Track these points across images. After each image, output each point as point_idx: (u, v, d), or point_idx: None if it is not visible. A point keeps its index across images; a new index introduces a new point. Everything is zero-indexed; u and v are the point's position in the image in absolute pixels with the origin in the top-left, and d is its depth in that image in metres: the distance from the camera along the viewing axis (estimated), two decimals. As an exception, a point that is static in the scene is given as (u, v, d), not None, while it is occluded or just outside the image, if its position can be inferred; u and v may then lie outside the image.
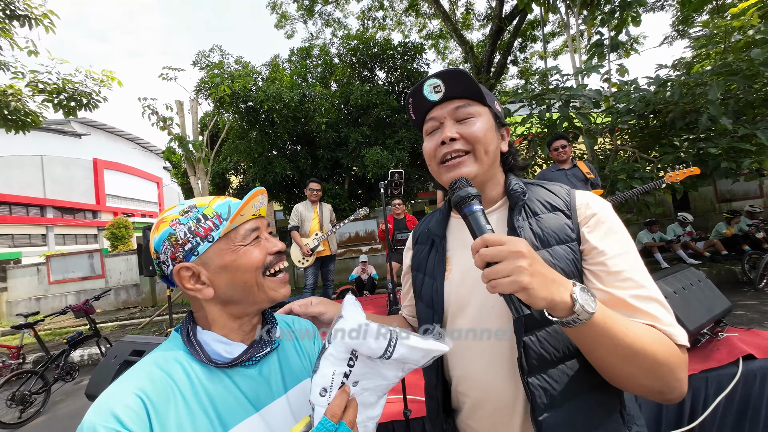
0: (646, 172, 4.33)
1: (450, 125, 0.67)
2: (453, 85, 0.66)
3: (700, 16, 8.94)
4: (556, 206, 0.66)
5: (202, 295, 0.56)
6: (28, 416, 3.11)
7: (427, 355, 0.51)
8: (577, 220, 0.64)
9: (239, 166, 9.39)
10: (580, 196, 0.67)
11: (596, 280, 0.60)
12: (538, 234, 0.64)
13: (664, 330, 0.54)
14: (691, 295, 1.79)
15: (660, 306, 0.56)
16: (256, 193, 0.59)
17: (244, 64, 8.02)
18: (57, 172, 23.47)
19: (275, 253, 0.62)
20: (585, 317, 0.47)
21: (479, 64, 8.61)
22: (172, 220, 0.56)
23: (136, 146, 31.14)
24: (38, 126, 5.48)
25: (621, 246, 0.60)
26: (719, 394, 1.49)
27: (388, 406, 1.57)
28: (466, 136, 0.66)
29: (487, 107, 0.69)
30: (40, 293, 8.87)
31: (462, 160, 0.66)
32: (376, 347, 0.48)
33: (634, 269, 0.58)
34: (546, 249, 0.62)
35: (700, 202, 8.45)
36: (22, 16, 4.87)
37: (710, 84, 3.79)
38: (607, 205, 0.65)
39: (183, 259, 0.55)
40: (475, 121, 0.67)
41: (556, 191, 0.69)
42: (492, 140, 0.68)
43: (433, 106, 0.70)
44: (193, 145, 5.85)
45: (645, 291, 0.57)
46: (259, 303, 0.61)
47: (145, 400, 0.48)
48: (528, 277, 0.45)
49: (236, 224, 0.57)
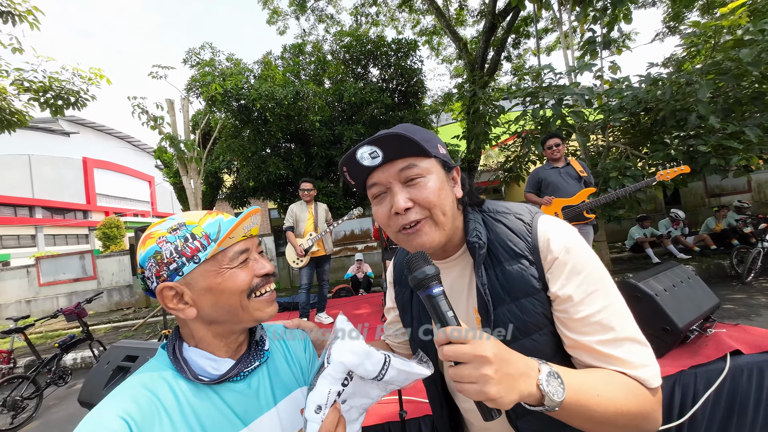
0: (637, 169, 4.38)
1: (399, 191, 0.60)
2: (391, 149, 0.59)
3: (691, 12, 9.03)
4: (519, 252, 0.61)
5: (185, 315, 0.56)
6: (21, 422, 3.07)
7: (409, 377, 0.53)
8: (541, 265, 0.60)
9: (232, 164, 9.30)
10: (542, 232, 0.61)
11: (563, 326, 0.59)
12: (504, 286, 0.61)
13: (635, 376, 0.53)
14: (681, 293, 1.82)
15: (632, 345, 0.55)
16: (249, 214, 0.57)
17: (235, 61, 7.92)
18: (46, 171, 23.00)
19: (263, 275, 0.60)
20: (554, 405, 0.46)
21: (473, 61, 8.59)
22: (159, 237, 0.55)
23: (126, 144, 30.63)
24: (25, 125, 5.36)
25: (586, 287, 0.56)
26: (708, 389, 1.52)
27: (384, 406, 1.58)
28: (420, 202, 0.60)
29: (433, 158, 0.62)
30: (30, 296, 8.73)
31: (421, 230, 0.61)
32: (372, 370, 0.50)
33: (602, 311, 0.55)
34: (513, 302, 0.60)
35: (690, 197, 8.60)
36: (5, 12, 4.74)
37: (700, 83, 3.84)
38: (570, 239, 0.60)
39: (167, 278, 0.54)
40: (425, 183, 0.60)
41: (517, 230, 0.63)
42: (447, 197, 0.62)
43: (372, 170, 0.62)
44: (184, 145, 5.77)
45: (612, 334, 0.54)
46: (244, 323, 0.60)
47: (130, 423, 0.47)
48: (495, 386, 0.43)
49: (224, 246, 0.56)
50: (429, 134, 0.64)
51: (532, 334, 0.60)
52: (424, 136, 0.61)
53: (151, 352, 1.55)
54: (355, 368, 0.50)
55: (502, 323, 0.61)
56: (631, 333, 0.56)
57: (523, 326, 0.60)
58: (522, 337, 0.60)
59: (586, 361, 0.57)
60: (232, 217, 0.58)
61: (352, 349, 0.50)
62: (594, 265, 0.58)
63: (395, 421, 1.50)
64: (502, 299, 0.61)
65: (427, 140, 0.61)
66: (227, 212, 0.63)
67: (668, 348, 1.71)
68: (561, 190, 3.37)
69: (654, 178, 3.23)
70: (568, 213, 3.32)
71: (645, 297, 1.73)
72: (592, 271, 0.58)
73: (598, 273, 0.58)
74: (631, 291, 1.78)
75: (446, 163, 0.65)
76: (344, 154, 0.62)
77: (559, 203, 3.37)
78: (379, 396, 0.56)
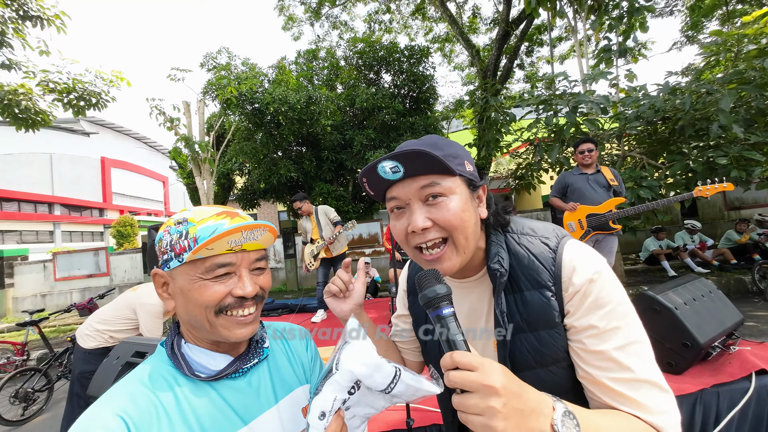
0: (653, 179, 4.27)
1: (418, 210, 0.57)
2: (413, 165, 0.56)
3: (710, 21, 8.87)
4: (541, 282, 0.58)
5: (167, 306, 0.57)
6: (31, 414, 3.12)
7: (417, 393, 0.51)
8: (561, 296, 0.57)
9: (244, 167, 9.45)
10: (567, 261, 0.58)
11: (577, 358, 0.56)
12: (524, 315, 0.59)
13: (652, 422, 0.50)
14: (701, 307, 1.75)
15: (651, 389, 0.51)
16: (238, 228, 0.53)
17: (250, 66, 8.09)
18: (65, 170, 23.79)
19: (238, 297, 0.55)
20: None
21: (485, 68, 8.59)
22: (167, 226, 0.57)
23: (143, 145, 31.50)
24: (48, 125, 5.56)
25: (606, 322, 0.53)
26: (731, 409, 1.45)
27: (391, 414, 1.55)
28: (440, 223, 0.57)
29: (458, 176, 0.58)
30: (45, 290, 8.96)
31: (442, 254, 0.58)
32: (381, 382, 0.49)
33: (620, 348, 0.52)
34: (532, 332, 0.58)
35: (708, 209, 8.34)
36: (35, 17, 4.95)
37: (722, 92, 3.75)
38: (596, 270, 0.56)
39: (161, 265, 0.57)
40: (447, 203, 0.56)
41: (542, 257, 0.59)
42: (470, 219, 0.58)
43: (392, 184, 0.59)
44: (199, 146, 5.89)
45: (629, 374, 0.51)
46: (214, 336, 0.56)
47: (127, 421, 0.46)
48: (502, 421, 0.39)
49: (202, 255, 0.53)
50: (457, 149, 0.60)
51: (548, 365, 0.58)
52: (450, 152, 0.58)
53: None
54: (363, 379, 0.49)
55: (519, 352, 0.59)
56: (652, 377, 0.52)
57: (540, 357, 0.58)
58: (538, 366, 0.58)
59: (599, 397, 0.54)
60: (239, 222, 0.55)
61: (362, 359, 0.49)
62: (620, 302, 0.55)
63: (402, 429, 1.47)
64: (522, 329, 0.59)
65: (454, 156, 0.58)
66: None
67: (688, 364, 1.64)
68: (587, 197, 3.26)
69: (691, 193, 3.06)
70: (592, 221, 3.22)
71: (664, 310, 1.67)
72: (617, 306, 0.54)
73: (624, 310, 0.54)
74: (648, 303, 1.72)
75: (472, 182, 0.61)
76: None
77: (584, 210, 3.26)
78: (383, 407, 0.54)
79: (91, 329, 2.30)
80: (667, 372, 1.68)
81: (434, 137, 0.60)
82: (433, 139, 0.60)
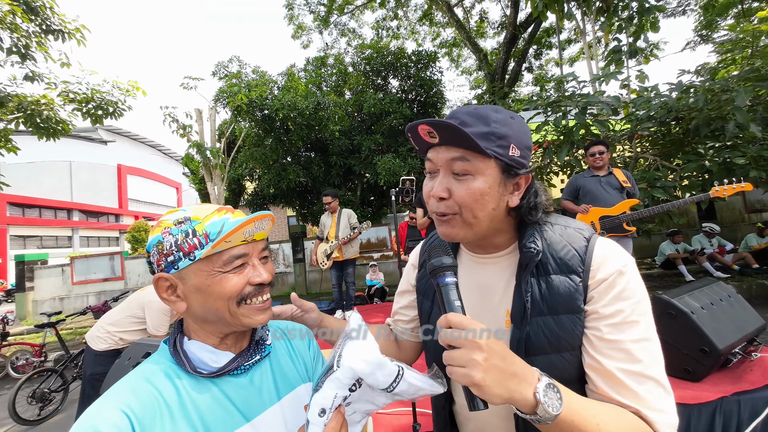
0: (668, 180, 4.17)
1: (443, 179, 0.59)
2: (447, 136, 0.57)
3: (725, 20, 8.67)
4: (571, 266, 0.59)
5: (175, 308, 0.57)
6: (47, 414, 3.20)
7: (420, 391, 0.51)
8: (587, 283, 0.58)
9: (254, 172, 9.60)
10: (599, 251, 0.59)
11: (589, 345, 0.56)
12: (546, 298, 0.59)
13: (648, 417, 0.50)
14: (720, 311, 1.69)
15: (656, 386, 0.51)
16: (252, 219, 0.55)
17: (261, 73, 8.26)
18: (84, 177, 24.62)
19: (257, 284, 0.58)
20: (547, 418, 0.45)
21: (493, 72, 8.57)
22: (165, 228, 0.55)
23: (157, 152, 32.40)
24: (67, 133, 5.77)
25: (627, 314, 0.54)
26: (754, 418, 1.39)
27: (398, 418, 1.53)
28: (455, 198, 0.58)
29: (493, 158, 0.57)
30: (63, 293, 9.22)
31: (451, 221, 0.60)
32: (383, 381, 0.48)
33: (636, 342, 0.53)
34: (552, 316, 0.58)
35: (727, 212, 8.07)
36: (57, 31, 5.18)
37: (737, 90, 3.64)
38: (627, 265, 0.57)
39: (164, 268, 0.55)
40: (469, 182, 0.57)
41: (575, 244, 0.60)
42: (486, 204, 0.58)
43: (432, 146, 0.62)
44: (210, 152, 6.03)
45: (638, 366, 0.52)
46: (234, 327, 0.58)
47: (131, 416, 0.47)
48: (481, 373, 0.43)
49: (220, 249, 0.54)
50: (508, 128, 0.57)
51: (563, 351, 0.58)
52: (496, 130, 0.56)
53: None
54: (365, 377, 0.48)
55: (535, 335, 0.58)
56: (659, 375, 0.52)
57: (556, 341, 0.58)
58: (552, 351, 0.58)
59: (601, 388, 0.54)
60: (241, 216, 0.57)
61: (364, 357, 0.48)
62: (643, 299, 0.56)
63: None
64: (541, 312, 0.59)
65: (498, 137, 0.56)
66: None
67: (707, 371, 1.58)
68: (600, 199, 3.21)
69: (708, 194, 2.96)
70: (605, 223, 3.16)
71: (680, 315, 1.62)
72: (640, 302, 0.55)
73: (645, 307, 0.56)
74: (664, 308, 1.67)
75: (511, 166, 0.59)
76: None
77: (596, 212, 3.21)
78: (384, 404, 0.54)
79: (102, 331, 2.35)
80: (684, 379, 1.62)
81: (491, 109, 0.58)
82: (487, 111, 0.58)
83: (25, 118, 5.24)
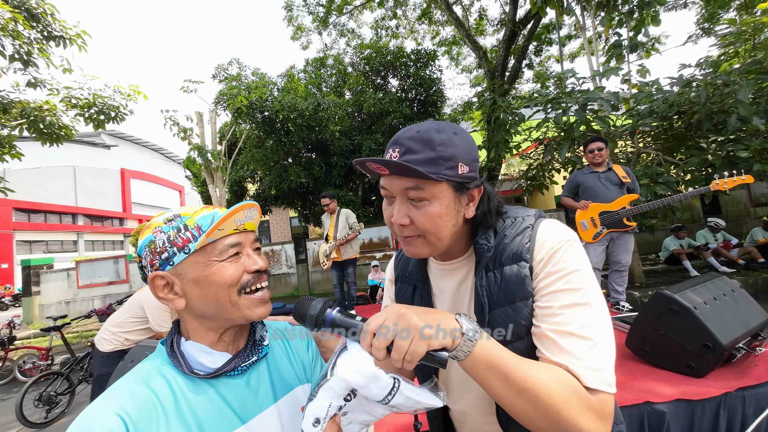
0: (670, 175, 4.13)
1: (401, 206, 0.61)
2: (397, 170, 0.58)
3: (726, 13, 8.58)
4: (520, 254, 0.61)
5: (174, 306, 0.57)
6: (54, 416, 3.23)
7: (417, 405, 0.51)
8: (532, 265, 0.61)
9: (256, 174, 9.64)
10: (540, 233, 0.62)
11: (533, 318, 0.59)
12: (503, 289, 0.61)
13: (574, 370, 0.51)
14: (723, 306, 1.68)
15: (589, 346, 0.52)
16: (241, 207, 0.56)
17: (260, 75, 8.28)
18: (87, 181, 24.80)
19: (254, 271, 0.59)
20: (469, 347, 0.49)
21: (493, 69, 8.52)
22: (155, 228, 0.56)
23: (160, 156, 32.58)
24: (71, 138, 5.82)
25: (561, 284, 0.56)
26: (759, 414, 1.37)
27: (398, 417, 1.53)
28: (416, 224, 0.60)
29: (444, 181, 0.58)
30: (69, 297, 9.30)
31: (415, 242, 0.62)
32: (378, 393, 0.48)
33: (569, 307, 0.54)
34: (510, 305, 0.61)
35: (732, 206, 7.99)
36: (58, 37, 5.23)
37: (739, 83, 3.61)
38: (562, 240, 0.59)
39: (159, 267, 0.55)
40: (426, 207, 0.59)
41: (522, 234, 0.63)
42: (447, 224, 0.60)
43: (383, 174, 0.62)
44: (211, 155, 6.05)
45: (569, 327, 0.53)
46: (235, 320, 0.59)
47: (126, 420, 0.47)
48: (413, 317, 0.48)
49: (214, 238, 0.55)
50: (453, 149, 0.58)
51: (524, 336, 0.60)
52: (443, 153, 0.56)
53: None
54: (359, 389, 0.48)
55: (498, 325, 0.61)
56: (594, 336, 0.53)
57: (517, 328, 0.60)
58: (515, 340, 0.60)
59: (541, 352, 0.56)
60: (239, 204, 0.59)
61: (358, 368, 0.48)
62: (579, 270, 0.57)
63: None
64: (500, 303, 0.61)
65: (446, 159, 0.56)
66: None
67: (711, 367, 1.56)
68: (599, 195, 3.22)
69: (708, 188, 2.92)
70: (605, 219, 3.16)
71: (682, 310, 1.60)
72: (575, 273, 0.57)
73: (580, 277, 0.57)
74: (666, 303, 1.66)
75: (462, 184, 0.60)
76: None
77: (596, 208, 3.21)
78: (383, 414, 0.53)
79: (107, 333, 2.38)
80: (688, 375, 1.60)
81: (433, 130, 0.58)
82: (430, 135, 0.57)
83: (29, 124, 5.29)
